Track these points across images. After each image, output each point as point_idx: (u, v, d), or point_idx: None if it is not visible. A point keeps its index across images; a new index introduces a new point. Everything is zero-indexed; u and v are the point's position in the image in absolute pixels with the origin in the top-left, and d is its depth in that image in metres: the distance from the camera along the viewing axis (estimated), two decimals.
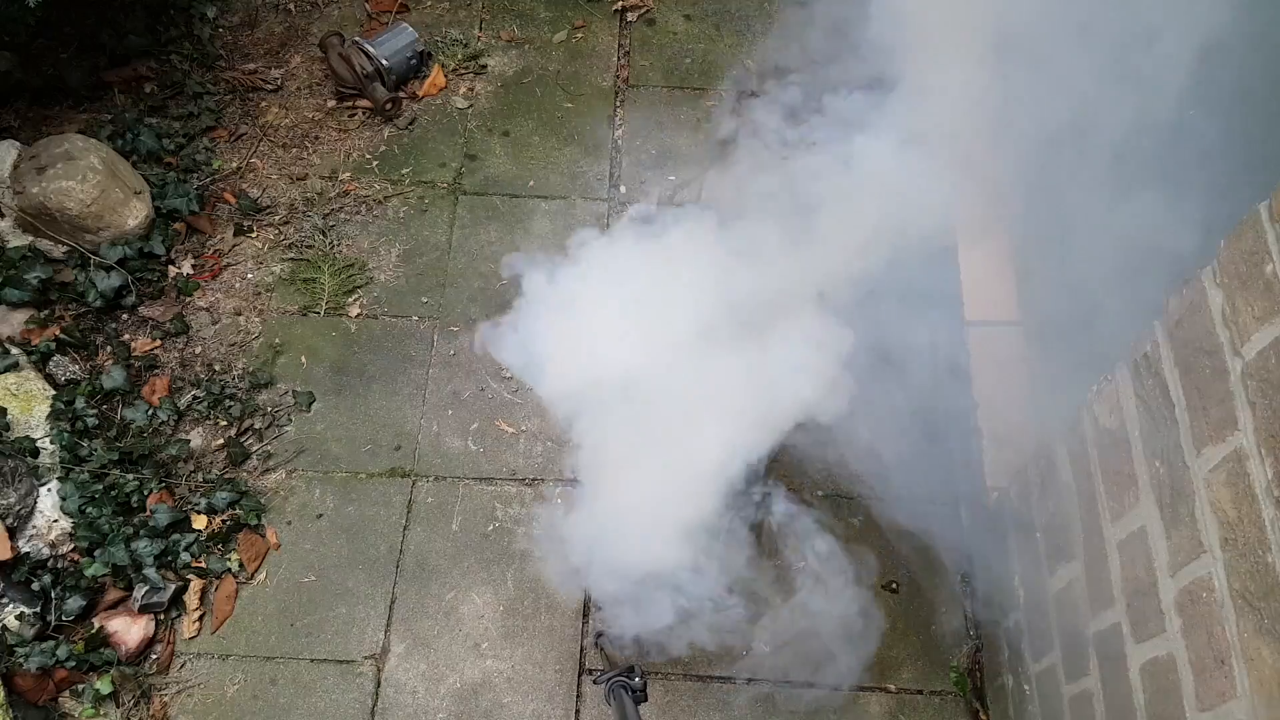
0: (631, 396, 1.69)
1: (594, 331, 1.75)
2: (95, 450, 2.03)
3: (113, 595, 1.95)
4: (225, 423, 2.16)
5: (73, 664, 1.86)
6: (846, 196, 1.68)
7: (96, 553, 1.94)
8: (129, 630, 1.91)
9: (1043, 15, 1.54)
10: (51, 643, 1.86)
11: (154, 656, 1.93)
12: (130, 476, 2.02)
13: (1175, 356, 1.15)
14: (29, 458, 1.98)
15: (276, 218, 2.45)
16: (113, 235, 2.25)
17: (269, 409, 2.19)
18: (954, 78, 1.62)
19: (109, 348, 2.23)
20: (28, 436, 2.00)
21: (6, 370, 2.08)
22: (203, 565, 2.00)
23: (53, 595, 1.90)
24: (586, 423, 1.81)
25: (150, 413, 2.13)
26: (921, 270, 1.74)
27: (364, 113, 2.61)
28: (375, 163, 2.55)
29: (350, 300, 2.34)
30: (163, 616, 1.96)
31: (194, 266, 2.36)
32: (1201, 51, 1.39)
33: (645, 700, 1.43)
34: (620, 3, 2.77)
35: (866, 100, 1.80)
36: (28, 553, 1.92)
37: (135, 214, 2.27)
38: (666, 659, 1.87)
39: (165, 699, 1.89)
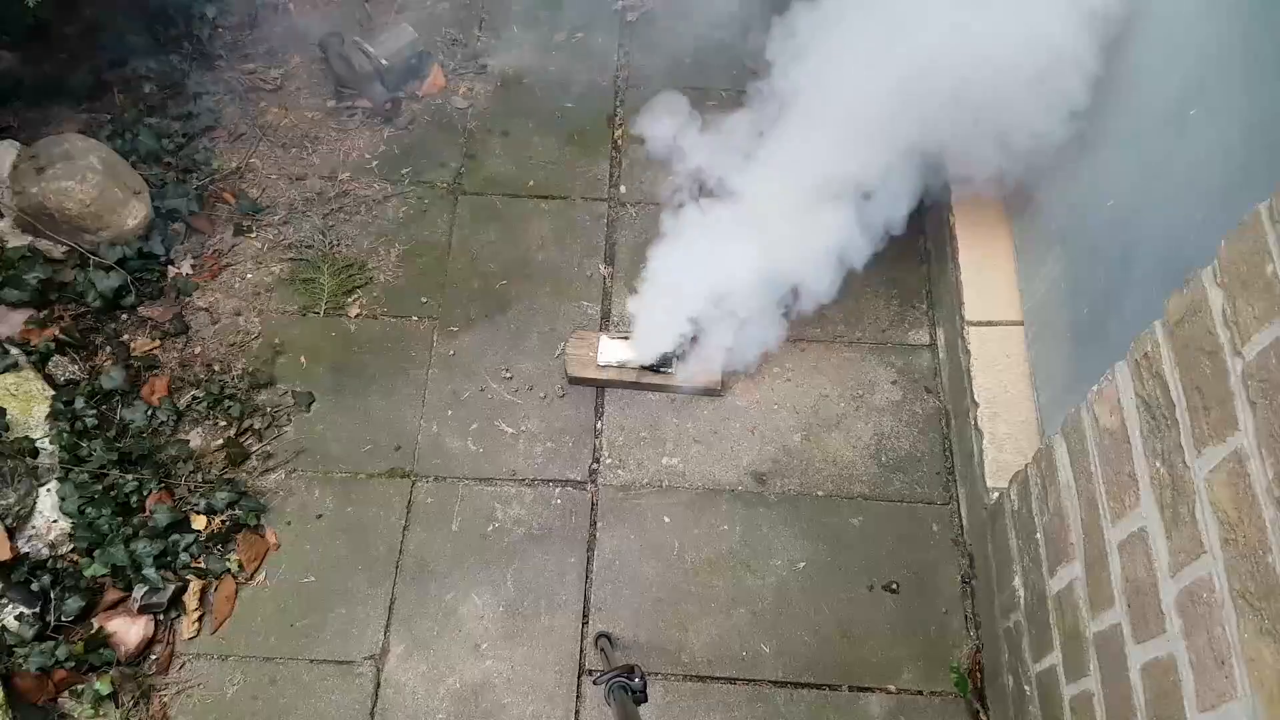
0: None
1: None
2: (95, 450, 2.03)
3: (112, 596, 1.95)
4: (225, 423, 2.16)
5: (72, 664, 1.85)
6: None
7: (96, 553, 1.94)
8: (128, 631, 1.91)
9: None
10: (51, 643, 1.85)
11: (153, 657, 1.93)
12: (130, 477, 2.02)
13: (1175, 356, 1.15)
14: (28, 458, 1.98)
15: (276, 218, 2.45)
16: (112, 235, 2.25)
17: (268, 409, 2.19)
18: None
19: (108, 348, 2.23)
20: (27, 437, 2.00)
21: (6, 370, 2.07)
22: (202, 566, 2.00)
23: (52, 596, 1.90)
24: None
25: (150, 413, 2.13)
26: None
27: (363, 113, 2.61)
28: (374, 163, 2.55)
29: (350, 300, 2.34)
30: (162, 617, 1.96)
31: (193, 267, 2.36)
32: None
33: (645, 701, 1.42)
34: (621, 2, 2.77)
35: None
36: (27, 553, 1.92)
37: (135, 214, 2.27)
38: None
39: (165, 699, 1.89)
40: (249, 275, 2.37)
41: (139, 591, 1.94)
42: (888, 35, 1.81)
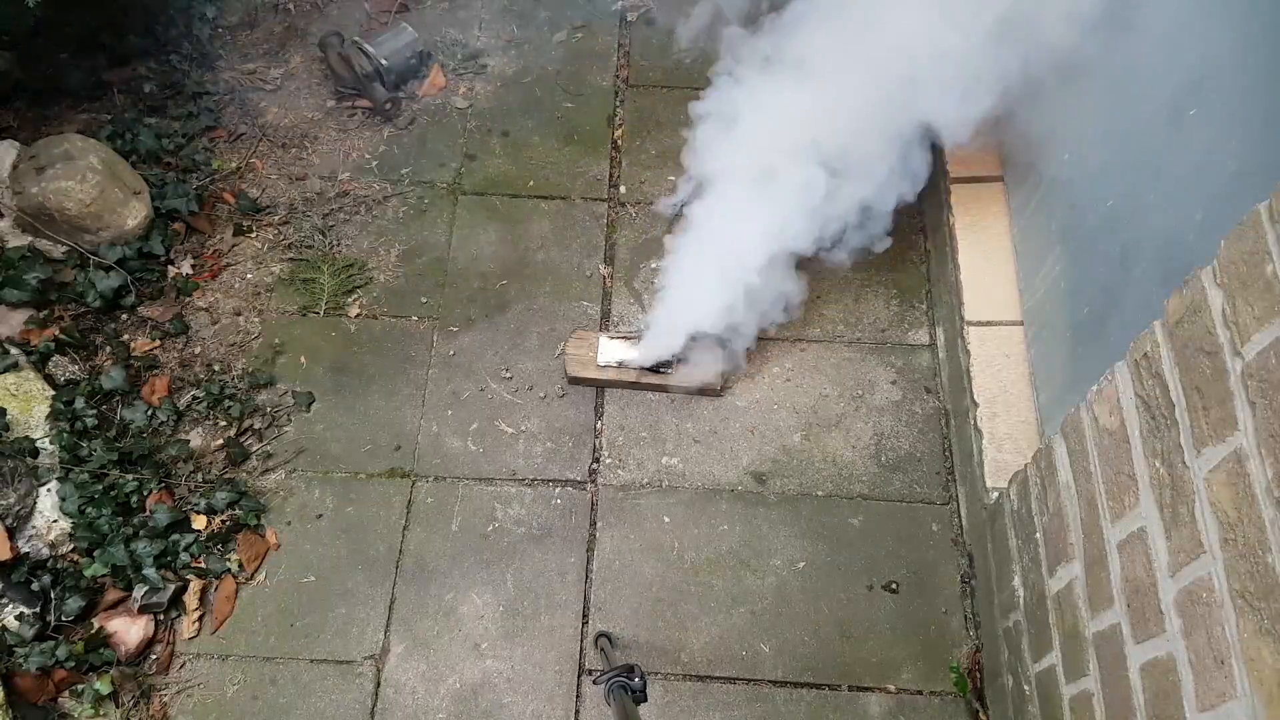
0: None
1: None
2: (95, 450, 2.03)
3: (112, 595, 1.95)
4: (225, 423, 2.16)
5: (72, 664, 1.86)
6: None
7: (96, 553, 1.94)
8: (128, 630, 1.91)
9: None
10: (51, 643, 1.86)
11: (153, 657, 1.93)
12: (130, 477, 2.02)
13: (1175, 356, 1.15)
14: (28, 458, 1.98)
15: (276, 218, 2.45)
16: (112, 235, 2.25)
17: (268, 409, 2.19)
18: None
19: (108, 348, 2.23)
20: (27, 437, 2.00)
21: (6, 370, 2.07)
22: (202, 565, 2.00)
23: (52, 595, 1.90)
24: None
25: (150, 413, 2.13)
26: None
27: (363, 113, 2.61)
28: (374, 163, 2.55)
29: (350, 300, 2.34)
30: (162, 617, 1.96)
31: (193, 266, 2.36)
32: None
33: (645, 700, 1.42)
34: (621, 2, 2.77)
35: None
36: (27, 553, 1.92)
37: (135, 214, 2.27)
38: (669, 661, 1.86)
39: (165, 699, 1.89)
40: (249, 275, 2.37)
41: (139, 591, 1.95)
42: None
